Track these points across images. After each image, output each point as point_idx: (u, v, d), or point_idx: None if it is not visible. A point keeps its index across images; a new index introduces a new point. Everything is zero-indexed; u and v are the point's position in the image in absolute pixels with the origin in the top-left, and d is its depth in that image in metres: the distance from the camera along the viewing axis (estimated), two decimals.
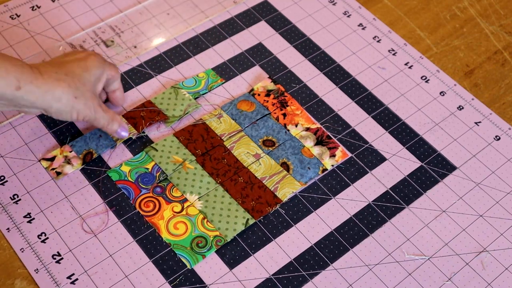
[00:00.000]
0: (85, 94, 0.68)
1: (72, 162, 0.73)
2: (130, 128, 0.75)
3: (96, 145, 0.74)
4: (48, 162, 0.73)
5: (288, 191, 0.73)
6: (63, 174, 0.72)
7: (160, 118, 0.76)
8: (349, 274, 0.68)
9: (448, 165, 0.77)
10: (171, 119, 0.77)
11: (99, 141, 0.74)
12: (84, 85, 0.68)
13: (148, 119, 0.76)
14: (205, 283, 0.66)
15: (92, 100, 0.69)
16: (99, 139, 0.74)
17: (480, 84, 0.85)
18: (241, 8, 0.90)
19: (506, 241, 0.72)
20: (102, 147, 0.74)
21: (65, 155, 0.73)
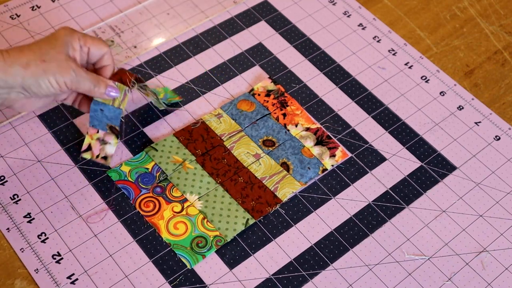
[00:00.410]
0: (56, 56, 0.64)
1: (107, 140, 0.72)
2: (119, 86, 0.70)
3: (107, 119, 0.71)
4: (89, 152, 0.72)
5: (288, 191, 0.73)
6: (109, 156, 0.72)
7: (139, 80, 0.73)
8: (349, 274, 0.68)
9: (448, 165, 0.77)
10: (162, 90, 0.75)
11: (105, 115, 0.71)
12: (53, 48, 0.65)
13: (131, 75, 0.71)
14: (205, 283, 0.66)
15: (68, 61, 0.65)
16: (102, 113, 0.71)
17: (480, 84, 0.85)
18: (241, 8, 0.90)
19: (506, 241, 0.72)
20: (113, 119, 0.71)
21: (97, 138, 0.72)
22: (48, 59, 0.64)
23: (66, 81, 0.65)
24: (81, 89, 0.67)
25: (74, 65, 0.65)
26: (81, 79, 0.66)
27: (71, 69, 0.65)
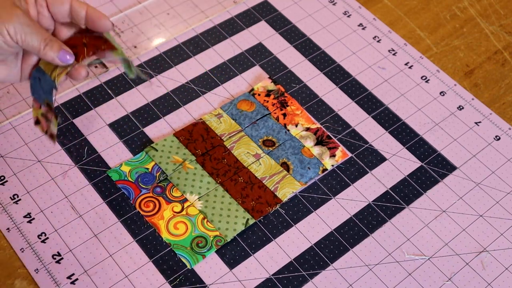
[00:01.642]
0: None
1: (49, 117, 0.63)
2: None
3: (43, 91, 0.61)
4: (40, 125, 0.64)
5: (288, 191, 0.73)
6: (54, 135, 0.63)
7: (106, 47, 0.62)
8: (349, 274, 0.68)
9: (448, 165, 0.77)
10: (120, 51, 0.62)
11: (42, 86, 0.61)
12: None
13: (92, 47, 0.61)
14: (205, 283, 0.66)
15: (13, 7, 0.56)
16: (40, 84, 0.61)
17: (480, 84, 0.85)
18: (241, 8, 0.90)
19: (506, 241, 0.72)
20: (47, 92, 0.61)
21: (41, 113, 0.63)
22: None
23: (9, 30, 0.55)
24: (29, 45, 0.57)
25: (20, 13, 0.56)
26: (29, 30, 0.56)
27: (15, 16, 0.55)
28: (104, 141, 0.76)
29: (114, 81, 0.81)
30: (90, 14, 0.59)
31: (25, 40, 0.56)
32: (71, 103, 0.78)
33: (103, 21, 0.60)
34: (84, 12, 0.59)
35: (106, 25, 0.60)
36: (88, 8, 0.59)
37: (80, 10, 0.59)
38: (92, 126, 0.77)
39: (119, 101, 0.79)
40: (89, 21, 0.60)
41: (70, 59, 0.59)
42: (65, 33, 0.62)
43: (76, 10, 0.59)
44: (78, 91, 0.80)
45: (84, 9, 0.59)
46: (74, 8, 0.59)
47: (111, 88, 0.80)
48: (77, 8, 0.59)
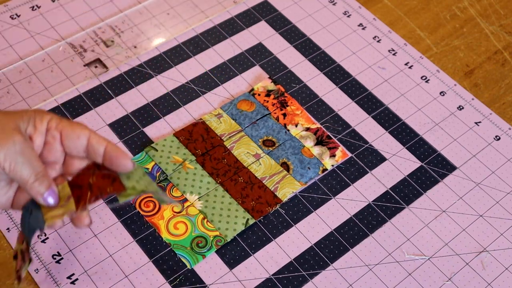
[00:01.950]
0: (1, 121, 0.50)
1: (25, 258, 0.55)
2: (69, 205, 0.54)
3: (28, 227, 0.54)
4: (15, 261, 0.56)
5: (288, 191, 0.73)
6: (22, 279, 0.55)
7: (113, 190, 0.54)
8: (349, 274, 0.68)
9: (448, 165, 0.77)
10: (129, 192, 0.54)
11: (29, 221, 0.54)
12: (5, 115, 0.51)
13: (97, 190, 0.54)
14: (205, 283, 0.66)
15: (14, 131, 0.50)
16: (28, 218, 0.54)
17: (480, 84, 0.85)
18: (241, 8, 0.90)
19: (506, 241, 0.72)
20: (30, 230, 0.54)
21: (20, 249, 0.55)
22: None
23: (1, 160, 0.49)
24: (17, 175, 0.50)
25: (18, 139, 0.50)
26: (21, 160, 0.50)
27: (11, 141, 0.49)
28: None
29: (114, 81, 0.81)
30: (109, 151, 0.53)
31: (14, 169, 0.50)
32: (71, 103, 0.78)
33: (123, 161, 0.53)
34: (102, 149, 0.53)
35: (126, 165, 0.53)
36: (108, 145, 0.53)
37: (98, 147, 0.53)
38: (92, 126, 0.77)
39: (119, 101, 0.79)
40: (107, 159, 0.53)
41: (51, 201, 0.53)
42: (75, 166, 0.55)
43: (93, 146, 0.53)
44: (78, 91, 0.80)
45: (103, 145, 0.53)
46: (91, 143, 0.53)
47: (111, 88, 0.80)
48: (95, 144, 0.53)
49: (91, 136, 0.53)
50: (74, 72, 0.81)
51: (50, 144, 0.53)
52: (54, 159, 0.55)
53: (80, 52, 0.83)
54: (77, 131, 0.53)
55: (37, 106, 0.77)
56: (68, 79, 0.80)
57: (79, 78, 0.81)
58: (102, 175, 0.54)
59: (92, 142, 0.53)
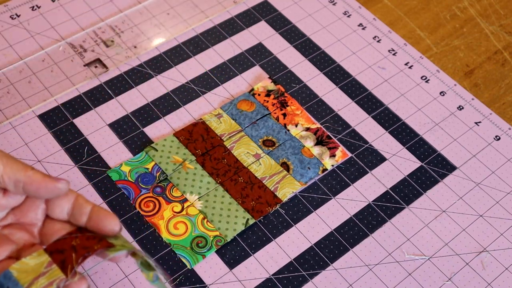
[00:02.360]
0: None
1: None
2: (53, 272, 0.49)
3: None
4: None
5: (288, 191, 0.73)
6: None
7: (100, 247, 0.50)
8: (349, 274, 0.68)
9: (448, 165, 0.77)
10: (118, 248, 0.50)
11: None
12: None
13: (83, 251, 0.49)
14: (205, 283, 0.66)
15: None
16: None
17: (480, 84, 0.85)
18: (241, 8, 0.90)
19: (506, 241, 0.72)
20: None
21: None
22: None
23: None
24: (9, 177, 0.49)
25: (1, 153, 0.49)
26: (9, 162, 0.48)
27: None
28: (104, 141, 0.76)
29: (114, 81, 0.81)
30: (96, 211, 0.50)
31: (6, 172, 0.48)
32: (71, 103, 0.78)
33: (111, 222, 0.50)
34: (89, 208, 0.50)
35: (114, 227, 0.50)
36: (95, 206, 0.51)
37: (85, 206, 0.50)
38: (92, 126, 0.77)
39: (119, 101, 0.79)
40: (93, 219, 0.50)
41: (63, 187, 0.50)
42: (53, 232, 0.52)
43: (81, 205, 0.51)
44: (78, 91, 0.80)
45: (90, 205, 0.50)
46: (78, 202, 0.51)
47: (111, 88, 0.80)
48: (83, 203, 0.51)
49: (78, 195, 0.51)
50: (74, 72, 0.81)
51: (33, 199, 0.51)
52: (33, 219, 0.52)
53: (80, 52, 0.83)
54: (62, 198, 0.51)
55: (37, 106, 0.77)
56: (68, 79, 0.80)
57: (79, 78, 0.81)
58: (87, 237, 0.50)
59: (79, 201, 0.51)
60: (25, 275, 0.48)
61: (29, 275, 0.48)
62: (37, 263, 0.49)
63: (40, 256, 0.49)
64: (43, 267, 0.49)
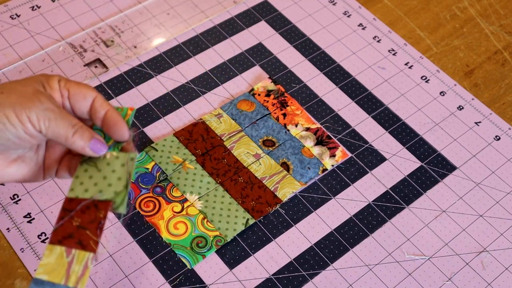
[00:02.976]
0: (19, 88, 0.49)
1: None
2: (79, 256, 0.49)
3: None
4: None
5: (288, 191, 0.73)
6: None
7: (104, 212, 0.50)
8: (349, 274, 0.68)
9: (448, 165, 0.77)
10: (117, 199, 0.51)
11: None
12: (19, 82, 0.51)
13: (91, 225, 0.49)
14: (205, 283, 0.66)
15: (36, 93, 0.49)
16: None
17: (480, 84, 0.85)
18: (241, 8, 0.90)
19: (506, 241, 0.72)
20: None
21: None
22: (6, 90, 0.49)
23: (31, 117, 0.48)
24: (54, 132, 0.50)
25: (44, 98, 0.49)
26: (54, 116, 0.49)
27: (38, 101, 0.49)
28: None
29: (114, 81, 0.81)
30: (109, 117, 0.53)
31: (50, 127, 0.49)
32: None
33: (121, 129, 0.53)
34: (103, 112, 0.53)
35: (123, 134, 0.53)
36: (110, 110, 0.53)
37: (100, 110, 0.53)
38: None
39: (119, 101, 0.79)
40: (105, 124, 0.53)
41: (102, 148, 0.52)
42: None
43: (96, 108, 0.53)
44: None
45: (105, 109, 0.53)
46: (94, 105, 0.53)
47: (111, 88, 0.80)
48: (98, 106, 0.53)
49: (96, 97, 0.53)
50: (74, 72, 0.81)
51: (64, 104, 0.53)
52: None
53: (80, 52, 0.83)
54: (83, 91, 0.53)
55: None
56: None
57: (79, 78, 0.81)
58: (82, 211, 0.50)
59: (95, 104, 0.53)
60: (55, 273, 0.48)
61: (59, 271, 0.48)
62: (56, 257, 0.49)
63: (53, 251, 0.49)
64: (64, 257, 0.49)
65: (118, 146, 0.53)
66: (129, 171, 0.52)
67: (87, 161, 0.53)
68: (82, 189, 0.51)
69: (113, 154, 0.52)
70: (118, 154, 0.52)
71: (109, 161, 0.52)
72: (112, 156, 0.52)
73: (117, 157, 0.52)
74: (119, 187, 0.51)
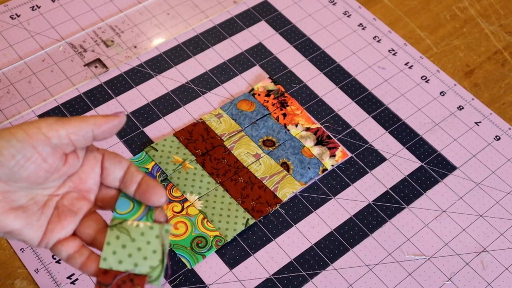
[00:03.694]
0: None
1: None
2: None
3: None
4: None
5: (288, 191, 0.73)
6: None
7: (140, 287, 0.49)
8: (349, 274, 0.68)
9: (448, 165, 0.77)
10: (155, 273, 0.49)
11: None
12: None
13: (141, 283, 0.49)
14: (205, 283, 0.66)
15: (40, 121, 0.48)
16: None
17: (480, 84, 0.85)
18: (241, 8, 0.90)
19: (506, 241, 0.72)
20: None
21: None
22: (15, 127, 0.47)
23: (42, 126, 0.47)
24: (77, 133, 0.48)
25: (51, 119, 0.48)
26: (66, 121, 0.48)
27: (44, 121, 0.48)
28: (104, 141, 0.75)
29: (114, 81, 0.81)
30: (146, 181, 0.51)
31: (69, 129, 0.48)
32: (71, 103, 0.78)
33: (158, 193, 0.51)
34: (140, 178, 0.51)
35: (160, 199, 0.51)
36: (145, 176, 0.51)
37: (137, 175, 0.51)
38: None
39: (119, 101, 0.79)
40: (141, 189, 0.51)
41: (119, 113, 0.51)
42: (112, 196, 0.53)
43: (132, 174, 0.51)
44: (78, 91, 0.80)
45: (141, 175, 0.51)
46: (131, 170, 0.51)
47: (111, 88, 0.80)
48: (135, 171, 0.51)
49: (131, 164, 0.52)
50: (74, 72, 0.81)
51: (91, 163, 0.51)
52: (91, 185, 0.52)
53: (80, 52, 0.83)
54: (119, 157, 0.52)
55: (37, 106, 0.77)
56: (68, 79, 0.80)
57: (79, 78, 0.81)
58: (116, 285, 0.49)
59: (131, 169, 0.52)
60: None
61: None
62: None
63: None
64: None
65: (151, 215, 0.51)
66: (164, 243, 0.50)
67: (117, 227, 0.51)
68: (115, 260, 0.50)
69: (147, 224, 0.50)
70: (152, 225, 0.51)
71: (143, 231, 0.50)
72: (146, 226, 0.50)
73: (151, 227, 0.50)
74: (155, 262, 0.49)
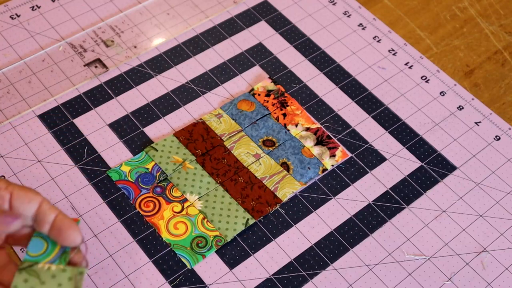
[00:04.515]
0: None
1: None
2: None
3: None
4: None
5: (288, 191, 0.73)
6: None
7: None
8: (349, 274, 0.68)
9: (448, 165, 0.77)
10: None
11: None
12: None
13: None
14: (205, 283, 0.66)
15: None
16: None
17: (480, 84, 0.85)
18: (241, 8, 0.90)
19: (506, 241, 0.72)
20: None
21: None
22: None
23: None
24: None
25: None
26: None
27: None
28: (104, 141, 0.76)
29: (114, 81, 0.81)
30: (60, 220, 0.48)
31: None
32: (71, 103, 0.78)
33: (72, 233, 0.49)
34: (53, 216, 0.49)
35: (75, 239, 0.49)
36: (60, 214, 0.49)
37: (49, 213, 0.48)
38: (92, 126, 0.77)
39: (119, 101, 0.79)
40: (56, 229, 0.49)
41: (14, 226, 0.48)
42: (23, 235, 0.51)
43: (44, 212, 0.48)
44: (78, 91, 0.80)
45: (54, 213, 0.48)
46: (43, 209, 0.48)
47: (111, 88, 0.80)
48: (47, 210, 0.48)
49: (43, 202, 0.49)
50: (74, 72, 0.81)
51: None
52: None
53: (80, 52, 0.83)
54: (29, 195, 0.48)
55: (37, 106, 0.77)
56: (68, 79, 0.80)
57: (79, 78, 0.81)
58: None
59: (43, 208, 0.49)
60: None
61: None
62: None
63: None
64: None
65: (65, 257, 0.49)
66: (77, 286, 0.48)
67: (27, 270, 0.48)
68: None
69: (59, 267, 0.48)
70: (65, 267, 0.49)
71: (55, 273, 0.48)
72: (59, 268, 0.48)
73: (64, 270, 0.49)
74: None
